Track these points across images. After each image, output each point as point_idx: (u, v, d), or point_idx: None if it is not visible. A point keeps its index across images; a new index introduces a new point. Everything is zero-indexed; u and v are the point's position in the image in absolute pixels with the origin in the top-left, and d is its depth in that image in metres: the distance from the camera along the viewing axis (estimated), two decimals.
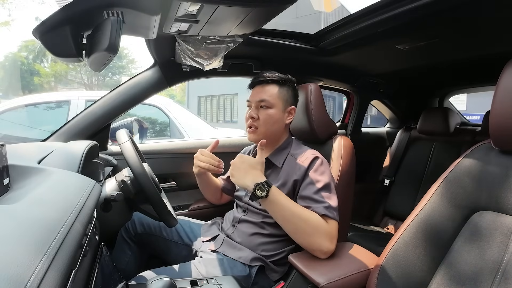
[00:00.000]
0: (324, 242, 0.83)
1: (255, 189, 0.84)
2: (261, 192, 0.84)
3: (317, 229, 0.84)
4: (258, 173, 0.87)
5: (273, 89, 1.02)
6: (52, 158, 0.80)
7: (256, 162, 0.89)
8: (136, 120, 1.61)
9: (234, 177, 0.88)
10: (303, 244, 0.86)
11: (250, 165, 0.88)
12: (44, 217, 0.41)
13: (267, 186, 0.84)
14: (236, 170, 0.88)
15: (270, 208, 0.87)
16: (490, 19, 0.98)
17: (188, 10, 0.85)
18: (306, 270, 0.81)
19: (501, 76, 0.65)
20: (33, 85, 13.54)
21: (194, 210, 1.48)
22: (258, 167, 0.88)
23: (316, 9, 10.58)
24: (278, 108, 1.02)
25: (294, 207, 0.86)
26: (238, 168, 0.88)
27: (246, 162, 0.88)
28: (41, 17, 12.12)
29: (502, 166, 0.67)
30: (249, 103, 1.05)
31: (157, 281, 0.65)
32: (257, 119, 1.01)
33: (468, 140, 1.70)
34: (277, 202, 0.85)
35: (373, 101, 2.12)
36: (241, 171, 0.87)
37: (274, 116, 1.01)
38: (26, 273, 0.30)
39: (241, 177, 0.87)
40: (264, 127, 1.01)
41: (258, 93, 1.03)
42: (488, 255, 0.63)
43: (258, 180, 0.85)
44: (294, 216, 0.85)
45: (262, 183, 0.84)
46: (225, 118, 13.46)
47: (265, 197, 0.84)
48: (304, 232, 0.84)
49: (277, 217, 0.87)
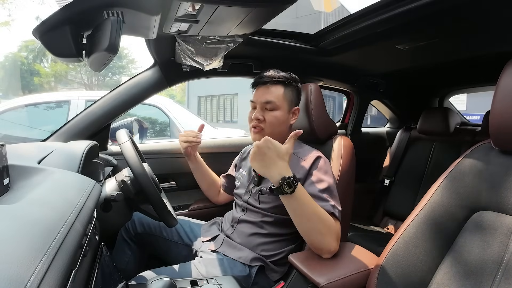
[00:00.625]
0: (333, 241, 0.82)
1: (282, 183, 0.77)
2: (288, 188, 0.77)
3: (330, 229, 0.82)
4: (285, 165, 0.79)
5: (279, 90, 1.00)
6: (52, 158, 0.80)
7: (286, 152, 0.80)
8: (136, 120, 1.61)
9: (257, 163, 0.80)
10: (314, 243, 0.83)
11: (278, 155, 0.79)
12: (44, 217, 0.41)
13: (295, 182, 0.78)
14: (261, 155, 0.79)
15: (292, 205, 0.81)
16: (490, 19, 0.98)
17: (188, 10, 0.85)
18: (306, 270, 0.81)
19: (501, 76, 0.65)
20: (33, 85, 13.54)
21: (194, 210, 1.48)
22: (286, 158, 0.80)
23: (316, 9, 10.57)
24: (283, 109, 1.00)
25: (315, 206, 0.82)
26: (264, 154, 0.79)
27: (273, 149, 0.79)
28: (41, 17, 12.13)
29: (502, 166, 0.67)
30: (254, 103, 1.03)
31: (157, 281, 0.65)
32: (263, 121, 1.00)
33: (468, 140, 1.70)
34: (301, 200, 0.80)
35: (373, 101, 2.12)
36: (266, 158, 0.79)
37: (280, 118, 1.00)
38: (26, 273, 0.30)
39: (265, 166, 0.79)
40: (270, 129, 0.99)
41: (263, 94, 1.00)
42: (488, 255, 0.63)
43: (285, 174, 0.78)
44: (314, 214, 0.80)
45: (291, 179, 0.77)
46: (225, 118, 13.47)
47: (291, 194, 0.78)
48: (319, 231, 0.81)
49: (297, 214, 0.82)
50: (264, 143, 0.79)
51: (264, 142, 0.79)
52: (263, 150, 0.79)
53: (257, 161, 0.80)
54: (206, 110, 14.19)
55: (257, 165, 0.80)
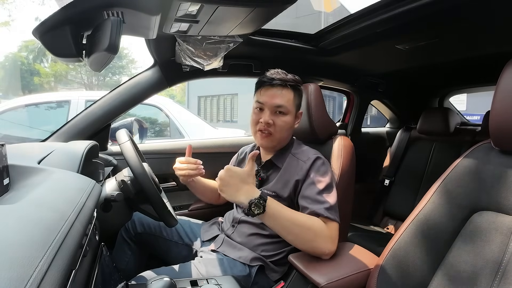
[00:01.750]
0: (326, 244, 0.82)
1: (250, 206, 0.78)
2: (257, 209, 0.78)
3: (318, 234, 0.82)
4: (251, 188, 0.81)
5: (290, 94, 0.97)
6: (52, 158, 0.80)
7: (247, 174, 0.82)
8: (136, 120, 1.61)
9: (225, 193, 0.81)
10: (306, 249, 0.84)
11: (241, 180, 0.81)
12: (44, 217, 0.41)
13: (262, 202, 0.79)
14: (226, 186, 0.80)
15: (269, 222, 0.82)
16: (490, 19, 0.98)
17: (188, 10, 0.85)
18: (306, 270, 0.81)
19: (501, 76, 0.65)
20: (33, 85, 13.54)
21: (194, 210, 1.48)
22: (250, 180, 0.82)
23: (316, 9, 10.58)
24: (292, 114, 0.99)
25: (293, 216, 0.83)
26: (228, 183, 0.80)
27: (235, 176, 0.81)
28: (41, 17, 12.13)
29: (502, 166, 0.67)
30: (261, 105, 0.97)
31: (157, 281, 0.65)
32: (272, 125, 0.96)
33: (468, 140, 1.70)
34: (275, 215, 0.81)
35: (373, 101, 2.12)
36: (232, 187, 0.80)
37: (289, 123, 0.98)
38: (26, 273, 0.30)
39: (233, 194, 0.80)
40: (280, 134, 0.97)
41: (274, 97, 0.96)
42: (488, 255, 0.63)
43: (252, 196, 0.79)
44: (294, 224, 0.81)
45: (257, 199, 0.78)
46: (225, 118, 13.47)
47: (263, 213, 0.79)
48: (306, 239, 0.82)
49: (278, 229, 0.83)
50: (226, 172, 0.81)
51: (226, 172, 0.81)
52: (226, 180, 0.80)
53: (226, 192, 0.81)
54: (206, 110, 14.19)
55: (227, 196, 0.81)
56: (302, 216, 0.85)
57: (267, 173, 1.03)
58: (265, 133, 0.97)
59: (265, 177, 1.03)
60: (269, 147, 1.01)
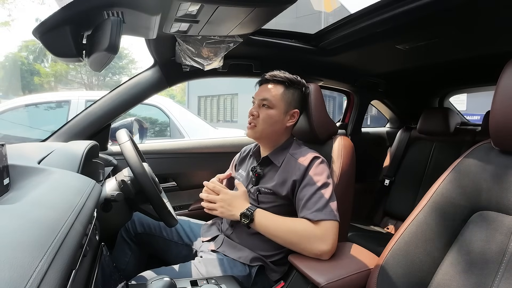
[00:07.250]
0: (321, 245, 0.83)
1: (241, 218, 0.89)
2: (245, 219, 0.88)
3: (307, 237, 0.84)
4: (241, 202, 0.93)
5: (278, 89, 1.01)
6: (52, 158, 0.80)
7: (240, 193, 0.95)
8: (136, 120, 1.61)
9: (223, 215, 0.92)
10: (300, 252, 0.87)
11: (234, 197, 0.93)
12: (44, 217, 0.41)
13: (249, 212, 0.89)
14: (223, 206, 0.92)
15: (260, 229, 0.90)
16: (490, 19, 0.98)
17: (188, 10, 0.85)
18: (306, 270, 0.81)
19: (501, 76, 0.65)
20: (33, 85, 13.54)
21: (194, 210, 1.48)
22: (243, 196, 0.95)
23: (316, 9, 10.58)
24: (279, 109, 1.01)
25: (281, 223, 0.89)
26: (222, 206, 0.92)
27: (228, 198, 0.93)
28: (41, 17, 12.13)
29: (502, 166, 0.67)
30: (253, 99, 1.05)
31: (157, 281, 0.65)
32: (257, 117, 1.02)
33: (468, 140, 1.70)
34: (263, 223, 0.89)
35: (373, 101, 2.12)
36: (226, 208, 0.92)
37: (274, 117, 1.00)
38: (26, 273, 0.30)
39: (229, 211, 0.91)
40: (262, 126, 1.01)
41: (262, 92, 1.03)
42: (488, 255, 0.63)
43: (242, 209, 0.90)
44: (282, 231, 0.87)
45: (245, 211, 0.89)
46: (225, 118, 13.46)
47: (252, 222, 0.88)
48: (296, 243, 0.86)
49: (270, 236, 0.89)
50: (221, 196, 0.93)
51: (222, 196, 0.93)
52: (221, 203, 0.92)
53: (224, 213, 0.92)
54: (206, 110, 14.19)
55: (224, 215, 0.93)
56: (291, 221, 0.89)
57: (264, 170, 1.04)
58: (251, 125, 1.03)
59: (262, 174, 1.03)
60: (254, 138, 1.06)
